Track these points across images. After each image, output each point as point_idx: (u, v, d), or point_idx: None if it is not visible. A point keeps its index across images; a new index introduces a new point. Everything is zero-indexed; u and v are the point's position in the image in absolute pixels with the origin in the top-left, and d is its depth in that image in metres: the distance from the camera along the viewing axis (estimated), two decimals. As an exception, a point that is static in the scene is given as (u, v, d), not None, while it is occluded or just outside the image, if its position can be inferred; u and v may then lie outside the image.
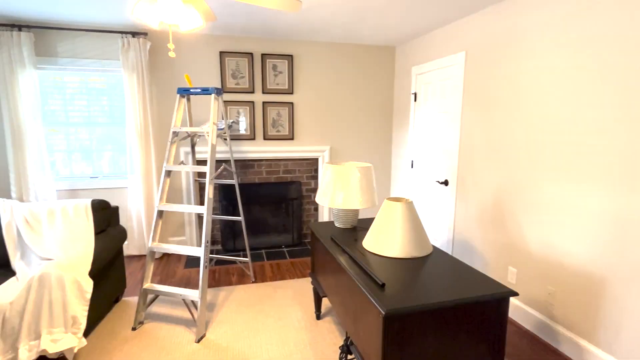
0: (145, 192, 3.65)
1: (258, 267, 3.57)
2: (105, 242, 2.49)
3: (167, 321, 2.56)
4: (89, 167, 3.70)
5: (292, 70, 3.96)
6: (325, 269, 2.28)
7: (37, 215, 2.45)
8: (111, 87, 3.63)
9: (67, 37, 3.41)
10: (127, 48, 3.42)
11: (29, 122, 3.30)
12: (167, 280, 3.26)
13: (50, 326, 1.94)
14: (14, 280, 2.12)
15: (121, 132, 3.70)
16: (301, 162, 4.18)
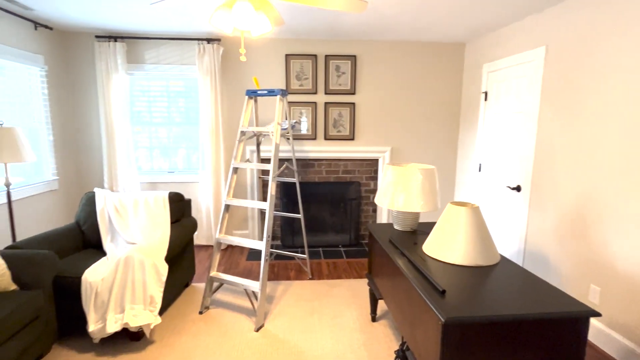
0: (214, 186, 3.92)
1: (315, 264, 3.63)
2: (179, 231, 2.73)
3: (230, 308, 2.72)
4: (166, 162, 4.08)
5: (354, 70, 3.97)
6: (382, 271, 2.25)
7: (124, 204, 2.77)
8: (188, 89, 3.96)
9: (152, 45, 3.80)
10: (203, 53, 3.70)
11: (119, 122, 3.73)
12: (231, 270, 3.47)
13: (133, 302, 2.18)
14: (104, 260, 2.41)
15: (195, 131, 4.02)
16: (361, 163, 4.17)
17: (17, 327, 1.85)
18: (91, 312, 2.14)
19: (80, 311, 2.23)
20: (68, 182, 3.83)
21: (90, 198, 2.82)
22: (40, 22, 3.35)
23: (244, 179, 4.10)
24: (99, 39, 3.62)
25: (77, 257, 2.47)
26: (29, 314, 1.92)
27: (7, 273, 1.97)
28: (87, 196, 2.84)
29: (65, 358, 2.13)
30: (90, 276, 2.18)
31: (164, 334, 2.39)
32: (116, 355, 2.16)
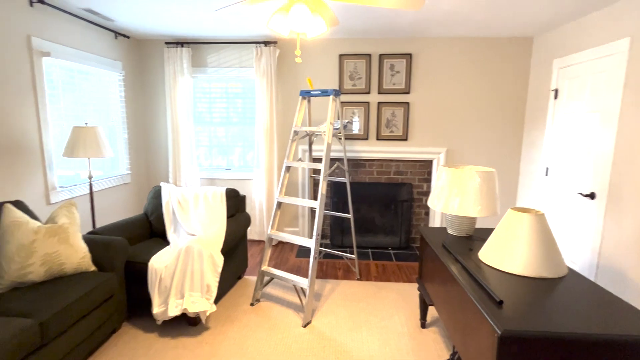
0: (267, 184, 4.07)
1: (364, 265, 3.61)
2: (234, 226, 2.87)
3: (279, 303, 2.80)
4: (224, 160, 4.31)
5: (409, 69, 3.87)
6: (434, 277, 2.17)
7: (186, 198, 2.97)
8: (245, 91, 4.14)
9: (214, 49, 4.03)
10: (260, 56, 3.85)
11: (183, 122, 4.02)
12: (281, 266, 3.57)
13: (191, 290, 2.33)
14: (168, 249, 2.61)
15: (251, 130, 4.20)
16: (414, 164, 4.06)
17: (97, 302, 2.08)
18: (155, 295, 2.33)
19: (146, 294, 2.44)
20: (139, 177, 4.20)
21: (157, 192, 3.08)
22: (120, 31, 3.71)
23: (296, 178, 4.19)
24: (168, 45, 3.92)
25: (144, 245, 2.71)
26: (105, 292, 2.15)
27: (88, 255, 2.21)
28: (154, 190, 3.10)
29: (133, 335, 2.35)
30: (155, 263, 2.38)
31: (218, 321, 2.53)
32: (176, 338, 2.33)
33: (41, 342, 1.73)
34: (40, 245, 2.02)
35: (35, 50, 2.74)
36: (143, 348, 2.22)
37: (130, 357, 2.13)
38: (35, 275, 2.00)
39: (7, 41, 2.52)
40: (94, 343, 2.10)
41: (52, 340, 1.80)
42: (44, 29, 2.83)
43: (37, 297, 1.87)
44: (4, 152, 2.52)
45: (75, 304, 1.92)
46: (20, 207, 2.31)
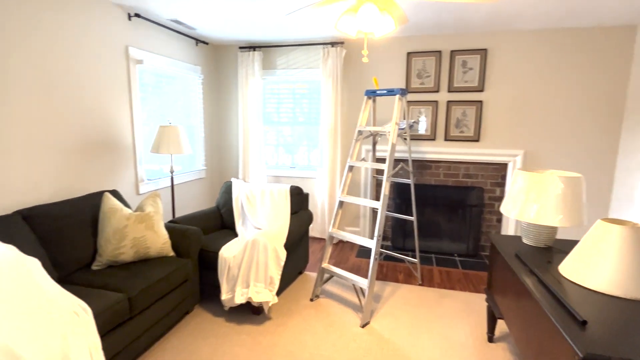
0: (330, 183, 4.12)
1: (426, 270, 3.48)
2: (297, 222, 2.96)
3: (338, 301, 2.83)
4: (288, 158, 4.46)
5: (484, 65, 3.63)
6: (505, 289, 2.02)
7: (254, 193, 3.14)
8: (311, 91, 4.24)
9: (283, 52, 4.19)
10: (327, 57, 3.91)
11: (253, 122, 4.25)
12: (341, 264, 3.60)
13: (256, 280, 2.46)
14: (236, 240, 2.79)
15: (315, 130, 4.29)
16: (486, 167, 3.80)
17: (175, 285, 2.30)
18: (224, 283, 2.51)
19: (216, 281, 2.63)
20: (212, 172, 4.54)
21: (228, 187, 3.30)
22: (200, 39, 4.05)
23: (359, 178, 4.18)
24: (242, 49, 4.18)
25: (216, 235, 2.92)
26: (182, 276, 2.37)
27: (169, 242, 2.46)
28: (225, 185, 3.33)
29: (204, 318, 2.55)
30: (225, 252, 2.56)
31: (279, 313, 2.64)
32: (240, 324, 2.48)
33: (129, 315, 1.96)
34: (130, 230, 2.29)
35: (131, 59, 3.11)
36: (212, 330, 2.40)
37: (201, 338, 2.32)
38: (126, 256, 2.28)
39: (109, 51, 2.90)
40: (170, 321, 2.33)
41: (138, 314, 2.04)
42: (138, 39, 3.20)
43: (127, 275, 2.13)
44: (105, 148, 2.91)
45: (158, 284, 2.15)
46: (116, 195, 2.64)
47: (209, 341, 2.29)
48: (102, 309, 1.78)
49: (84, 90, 2.69)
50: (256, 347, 2.24)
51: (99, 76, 2.81)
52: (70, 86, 2.58)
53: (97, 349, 1.64)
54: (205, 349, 2.21)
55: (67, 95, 2.56)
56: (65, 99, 2.55)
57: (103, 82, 2.85)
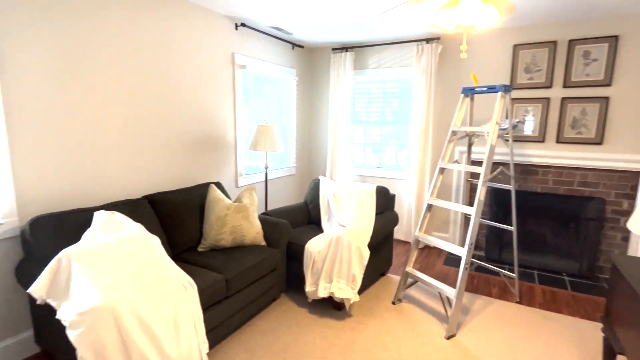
0: (418, 185, 3.97)
1: (526, 287, 3.11)
2: (382, 222, 2.93)
3: (422, 307, 2.71)
4: (376, 158, 4.43)
5: (613, 55, 3.08)
6: (629, 320, 1.69)
7: (340, 191, 3.20)
8: (402, 90, 4.13)
9: (375, 52, 4.17)
10: (421, 54, 3.77)
11: (342, 121, 4.32)
12: (426, 270, 3.44)
13: (339, 277, 2.51)
14: (321, 236, 2.88)
15: (405, 130, 4.17)
16: (610, 175, 3.23)
17: (265, 272, 2.48)
18: (308, 276, 2.61)
19: (301, 273, 2.76)
20: (302, 169, 4.76)
21: (316, 184, 3.42)
22: (296, 43, 4.27)
23: (450, 181, 3.94)
24: (335, 50, 4.28)
25: (303, 230, 3.06)
26: (271, 265, 2.55)
27: (261, 232, 2.66)
28: (314, 182, 3.46)
29: (289, 306, 2.70)
30: (310, 246, 2.66)
31: (360, 311, 2.64)
32: (322, 317, 2.56)
33: (226, 295, 2.18)
34: (230, 218, 2.54)
35: (236, 64, 3.44)
36: (295, 319, 2.53)
37: (285, 324, 2.46)
38: (225, 242, 2.53)
39: (218, 58, 3.25)
40: (259, 306, 2.52)
41: (233, 295, 2.25)
42: (243, 46, 3.52)
43: (225, 258, 2.37)
44: (212, 144, 3.28)
45: (251, 270, 2.34)
46: (219, 187, 2.96)
47: (292, 329, 2.42)
48: (204, 286, 2.02)
49: (195, 94, 3.07)
50: (336, 341, 2.29)
51: (208, 81, 3.17)
52: (184, 90, 2.97)
53: (199, 320, 1.86)
54: (288, 335, 2.34)
55: (182, 98, 2.95)
56: (180, 101, 2.94)
57: (212, 86, 3.21)
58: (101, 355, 1.44)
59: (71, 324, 1.43)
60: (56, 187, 2.16)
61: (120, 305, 1.51)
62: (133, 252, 1.77)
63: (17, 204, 2.00)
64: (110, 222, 1.95)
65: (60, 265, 1.59)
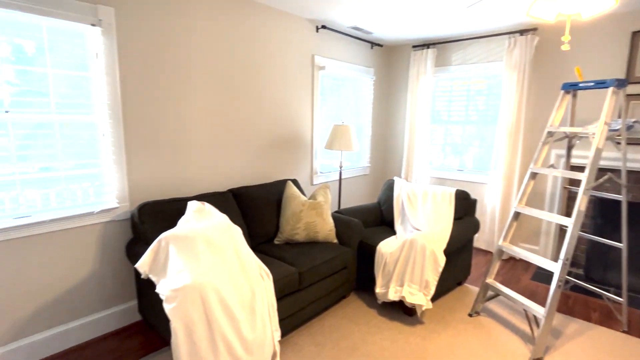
0: (504, 190, 3.64)
1: (637, 316, 2.66)
2: (460, 229, 2.76)
3: (503, 324, 2.49)
4: (456, 160, 4.17)
5: None
6: None
7: (415, 193, 3.09)
8: (489, 87, 3.83)
9: (459, 47, 3.93)
10: (513, 47, 3.45)
11: (420, 121, 4.16)
12: (509, 284, 3.14)
13: (411, 281, 2.43)
14: (394, 238, 2.82)
15: (490, 130, 3.86)
16: None
17: (335, 269, 2.52)
18: (379, 277, 2.58)
19: (371, 273, 2.73)
20: (376, 169, 4.71)
21: (390, 185, 3.35)
22: (375, 42, 4.23)
23: (543, 187, 3.54)
24: (415, 48, 4.14)
25: (375, 230, 3.03)
26: (342, 262, 2.57)
27: (334, 230, 2.70)
28: (388, 183, 3.39)
29: (358, 305, 2.70)
30: (382, 247, 2.63)
31: (432, 320, 2.53)
32: (391, 320, 2.51)
33: (298, 287, 2.27)
34: (304, 214, 2.63)
35: (315, 66, 3.54)
36: (364, 319, 2.52)
37: (354, 323, 2.47)
38: (299, 237, 2.63)
39: (299, 60, 3.38)
40: (329, 302, 2.56)
41: (304, 288, 2.33)
42: (322, 48, 3.60)
43: (299, 253, 2.47)
44: (290, 143, 3.43)
45: (322, 265, 2.40)
46: (296, 184, 3.08)
47: (361, 328, 2.41)
48: (279, 277, 2.13)
49: (276, 96, 3.24)
50: (405, 347, 2.22)
51: (289, 82, 3.32)
52: (267, 92, 3.15)
53: (273, 308, 1.97)
54: (356, 334, 2.34)
55: (264, 100, 3.14)
56: (262, 103, 3.13)
57: (292, 87, 3.36)
58: (189, 329, 1.61)
59: (167, 298, 1.63)
60: (158, 179, 2.47)
61: (206, 286, 1.68)
62: (219, 239, 1.94)
63: (129, 191, 2.34)
64: (201, 211, 2.17)
65: (160, 246, 1.82)
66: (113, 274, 2.33)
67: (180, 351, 1.59)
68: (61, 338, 2.14)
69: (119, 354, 2.13)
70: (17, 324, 1.98)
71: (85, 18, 2.02)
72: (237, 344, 1.72)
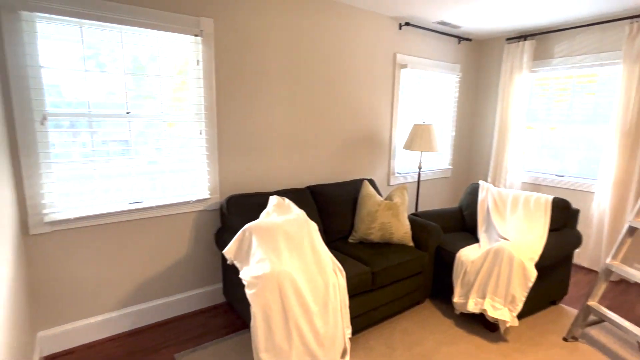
0: (615, 200, 3.13)
1: None
2: (556, 241, 2.45)
3: (607, 354, 2.15)
4: (555, 164, 3.71)
5: None
6: None
7: (503, 199, 2.84)
8: (601, 82, 3.32)
9: (564, 37, 3.48)
10: (635, 35, 2.94)
11: (513, 121, 3.79)
12: (619, 310, 2.70)
13: (494, 294, 2.24)
14: (476, 246, 2.62)
15: (598, 131, 3.35)
16: None
17: (410, 273, 2.45)
18: (458, 286, 2.43)
19: (449, 281, 2.59)
20: (458, 172, 4.43)
21: (474, 189, 3.13)
22: (463, 36, 3.98)
23: (669, 200, 2.96)
24: (509, 40, 3.79)
25: (454, 236, 2.86)
26: (417, 267, 2.49)
27: (409, 232, 2.62)
28: (471, 186, 3.17)
29: (432, 313, 2.58)
30: (463, 255, 2.47)
31: (519, 339, 2.30)
32: (470, 333, 2.34)
33: (370, 287, 2.25)
34: (380, 215, 2.60)
35: (397, 64, 3.47)
36: (439, 328, 2.40)
37: (428, 330, 2.37)
38: (373, 237, 2.61)
39: (380, 58, 3.35)
40: (402, 305, 2.49)
41: (377, 289, 2.31)
42: (405, 46, 3.51)
43: (373, 252, 2.45)
44: (368, 142, 3.42)
45: (397, 267, 2.35)
46: (372, 184, 3.06)
47: (435, 337, 2.30)
48: (351, 274, 2.14)
49: (356, 95, 3.25)
50: (485, 365, 2.06)
51: (369, 81, 3.31)
52: (346, 91, 3.18)
53: (345, 305, 1.99)
54: (430, 342, 2.24)
55: (343, 99, 3.17)
56: (341, 102, 3.17)
57: (372, 86, 3.34)
58: (267, 315, 1.72)
59: (248, 284, 1.76)
60: (244, 174, 2.68)
61: (284, 276, 1.77)
62: (296, 233, 2.03)
63: (219, 184, 2.57)
64: (281, 205, 2.29)
65: (245, 235, 1.97)
66: (203, 258, 2.60)
67: (258, 334, 1.71)
68: (159, 309, 2.45)
69: (206, 329, 2.37)
70: (127, 293, 2.33)
71: (190, 30, 2.28)
72: (310, 335, 1.78)
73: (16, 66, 1.82)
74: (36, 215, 1.96)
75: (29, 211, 1.94)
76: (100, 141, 2.12)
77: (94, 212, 2.11)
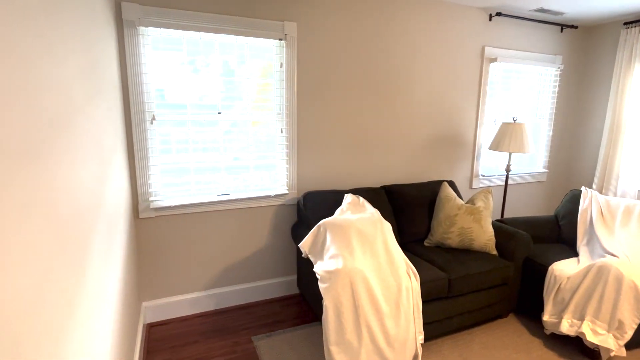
0: None
1: None
2: (684, 263, 2.04)
3: None
4: (688, 171, 3.08)
5: None
6: None
7: (612, 209, 2.46)
8: None
9: None
10: None
11: (630, 118, 3.24)
12: None
13: (594, 317, 1.96)
14: (574, 260, 2.32)
15: None
16: None
17: (491, 284, 2.27)
18: (549, 303, 2.18)
19: (539, 297, 2.33)
20: (555, 177, 3.95)
21: (575, 196, 2.76)
22: (567, 23, 3.52)
23: None
24: (627, 25, 3.24)
25: (547, 248, 2.56)
26: (500, 278, 2.29)
27: (493, 240, 2.42)
28: (572, 193, 2.81)
29: (516, 329, 2.35)
30: (557, 269, 2.20)
31: (626, 373, 1.97)
32: (561, 357, 2.08)
33: (446, 294, 2.14)
34: (459, 219, 2.46)
35: (485, 58, 3.21)
36: (525, 347, 2.18)
37: (511, 348, 2.17)
38: (451, 242, 2.48)
39: (466, 53, 3.14)
40: (481, 317, 2.32)
41: (453, 297, 2.19)
42: (494, 38, 3.24)
43: (450, 258, 2.32)
44: (448, 142, 3.24)
45: (476, 276, 2.20)
46: (452, 186, 2.90)
47: (519, 356, 2.10)
48: (426, 279, 2.06)
49: (438, 92, 3.10)
50: (580, 396, 1.82)
51: (453, 77, 3.13)
52: (427, 89, 3.05)
53: (418, 310, 1.93)
54: (513, 363, 2.05)
55: (423, 96, 3.05)
56: (421, 100, 3.05)
57: (456, 82, 3.15)
58: (338, 310, 1.75)
59: (321, 278, 1.81)
60: (320, 171, 2.75)
61: (356, 273, 1.78)
62: (369, 232, 2.03)
63: (297, 181, 2.69)
64: (356, 204, 2.31)
65: (319, 231, 2.03)
66: (280, 250, 2.74)
67: (330, 328, 1.75)
68: (240, 294, 2.66)
69: (280, 317, 2.50)
70: (213, 276, 2.58)
71: (275, 34, 2.42)
72: (380, 335, 1.77)
73: (133, 74, 2.13)
74: (144, 202, 2.28)
75: (139, 199, 2.26)
76: (194, 139, 2.38)
77: (190, 202, 2.37)
